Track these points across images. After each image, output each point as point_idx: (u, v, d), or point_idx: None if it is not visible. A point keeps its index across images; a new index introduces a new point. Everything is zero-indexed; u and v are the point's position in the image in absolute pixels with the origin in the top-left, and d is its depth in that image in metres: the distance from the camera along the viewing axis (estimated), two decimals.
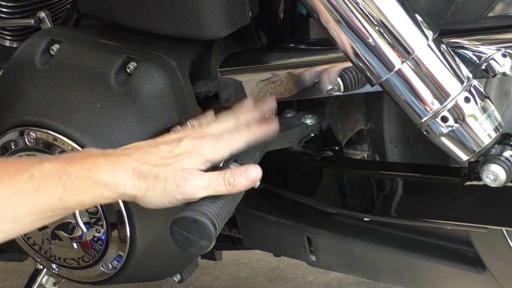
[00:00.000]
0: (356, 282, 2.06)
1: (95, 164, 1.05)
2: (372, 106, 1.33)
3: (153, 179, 1.07)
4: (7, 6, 1.49)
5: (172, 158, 1.09)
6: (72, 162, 1.04)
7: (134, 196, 1.08)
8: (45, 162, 1.02)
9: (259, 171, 1.10)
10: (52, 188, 1.02)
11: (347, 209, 1.33)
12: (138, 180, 1.07)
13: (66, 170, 1.03)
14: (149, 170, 1.07)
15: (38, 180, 1.01)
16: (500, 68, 1.15)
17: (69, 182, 1.03)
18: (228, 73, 1.33)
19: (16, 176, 1.00)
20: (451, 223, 1.23)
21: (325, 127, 1.38)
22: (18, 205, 0.99)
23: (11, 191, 0.99)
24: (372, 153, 1.37)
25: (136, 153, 1.09)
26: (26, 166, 1.01)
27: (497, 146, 1.15)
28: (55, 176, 1.02)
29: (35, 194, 1.00)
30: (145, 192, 1.08)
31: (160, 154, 1.10)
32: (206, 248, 1.07)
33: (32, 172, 1.01)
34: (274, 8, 1.39)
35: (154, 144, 1.12)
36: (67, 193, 1.03)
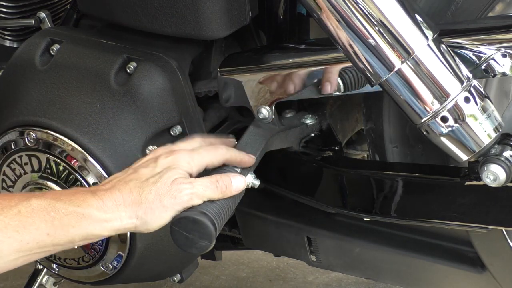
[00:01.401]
0: (356, 282, 2.06)
1: (83, 199, 1.03)
2: (372, 106, 1.33)
3: (147, 202, 1.06)
4: (7, 6, 1.49)
5: (156, 176, 1.08)
6: (60, 198, 1.03)
7: (133, 226, 1.06)
8: (33, 198, 1.01)
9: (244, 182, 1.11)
10: (40, 224, 1.00)
11: (347, 209, 1.33)
12: (132, 208, 1.05)
13: (55, 206, 1.01)
14: (140, 195, 1.06)
15: (25, 216, 0.99)
16: (500, 68, 1.15)
17: (57, 217, 1.01)
18: (228, 73, 1.33)
19: (3, 212, 0.98)
20: (451, 223, 1.23)
21: (325, 127, 1.38)
22: (4, 242, 0.97)
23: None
24: (372, 153, 1.37)
25: (119, 184, 1.07)
26: (13, 202, 0.99)
27: (497, 146, 1.15)
28: (43, 211, 1.00)
29: (22, 230, 0.98)
30: (144, 218, 1.06)
31: (143, 177, 1.08)
32: (206, 248, 1.07)
33: (19, 208, 0.99)
34: (274, 8, 1.39)
35: (132, 171, 1.11)
36: (55, 229, 1.01)
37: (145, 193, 1.06)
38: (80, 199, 1.03)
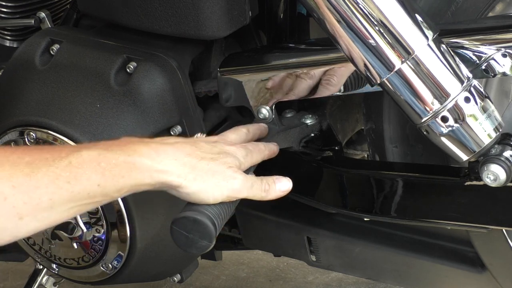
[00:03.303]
0: (356, 282, 2.06)
1: (135, 149, 1.03)
2: (372, 106, 1.33)
3: (201, 170, 1.05)
4: (7, 6, 1.49)
5: (215, 154, 1.09)
6: (111, 148, 1.02)
7: (178, 185, 1.05)
8: (83, 149, 1.00)
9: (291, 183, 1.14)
10: (90, 175, 0.99)
11: (347, 209, 1.33)
12: (184, 169, 1.05)
13: (106, 156, 1.00)
14: (197, 161, 1.06)
15: (76, 167, 0.98)
16: (500, 68, 1.15)
17: (108, 168, 1.00)
18: (228, 73, 1.33)
19: (54, 163, 0.97)
20: (451, 223, 1.23)
21: (325, 127, 1.38)
22: (56, 193, 0.97)
23: (48, 179, 0.96)
24: (372, 153, 1.37)
25: (177, 144, 1.07)
26: (63, 154, 0.99)
27: (497, 146, 1.15)
28: (93, 162, 0.99)
29: (73, 181, 0.98)
30: (192, 182, 1.05)
31: (202, 148, 1.08)
32: (206, 248, 1.07)
33: (70, 159, 0.98)
34: (274, 8, 1.39)
35: (191, 141, 1.11)
36: (106, 179, 1.00)
37: (202, 162, 1.06)
38: (132, 149, 1.03)
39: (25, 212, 0.95)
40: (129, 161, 1.02)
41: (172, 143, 1.08)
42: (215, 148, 1.10)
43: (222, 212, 1.09)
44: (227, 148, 1.12)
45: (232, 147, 1.13)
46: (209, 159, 1.07)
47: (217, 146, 1.11)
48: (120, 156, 1.01)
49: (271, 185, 1.12)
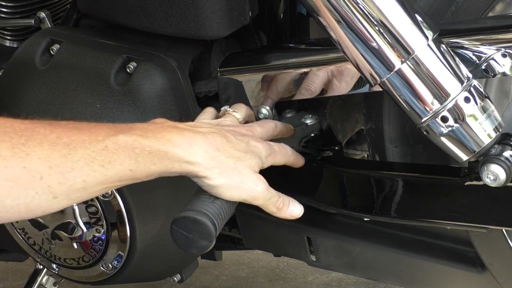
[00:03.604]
0: (356, 282, 2.06)
1: (170, 139, 1.05)
2: (372, 106, 1.33)
3: (227, 168, 1.08)
4: (7, 6, 1.49)
5: (242, 153, 1.11)
6: (147, 135, 1.04)
7: (204, 176, 1.07)
8: (120, 134, 1.02)
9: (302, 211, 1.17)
10: (124, 160, 1.02)
11: (347, 209, 1.33)
12: (212, 163, 1.07)
13: (141, 143, 1.03)
14: (224, 158, 1.08)
15: (112, 152, 1.01)
16: (500, 68, 1.14)
17: (142, 155, 1.03)
18: (228, 73, 1.33)
19: (91, 146, 1.00)
20: (451, 223, 1.23)
21: (325, 127, 1.38)
22: (90, 175, 1.00)
23: (84, 161, 0.99)
24: (372, 153, 1.37)
25: (209, 135, 1.09)
26: (100, 137, 1.01)
27: (497, 146, 1.15)
28: (129, 148, 1.02)
29: (107, 165, 1.01)
30: (217, 176, 1.08)
31: (231, 143, 1.10)
32: (206, 248, 1.07)
33: (106, 143, 1.01)
34: (274, 8, 1.39)
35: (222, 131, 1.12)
36: (138, 165, 1.03)
37: (229, 160, 1.09)
38: (166, 138, 1.05)
39: (59, 192, 0.98)
40: (163, 150, 1.04)
41: (204, 132, 1.09)
42: (242, 144, 1.12)
43: (222, 212, 1.09)
44: (253, 145, 1.13)
45: (258, 144, 1.14)
46: (236, 158, 1.09)
47: (244, 141, 1.13)
48: (154, 144, 1.04)
49: (285, 206, 1.15)
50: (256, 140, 1.15)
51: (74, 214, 1.36)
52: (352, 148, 1.62)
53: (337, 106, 1.42)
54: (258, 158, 1.13)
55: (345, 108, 1.44)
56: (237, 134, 1.13)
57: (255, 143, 1.14)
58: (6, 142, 0.95)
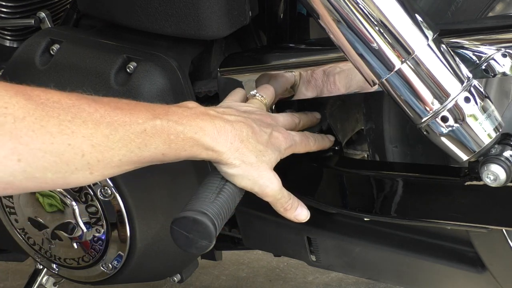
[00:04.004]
0: (356, 282, 2.06)
1: (202, 127, 1.09)
2: (372, 106, 1.33)
3: (247, 160, 1.12)
4: (7, 6, 1.49)
5: (263, 147, 1.15)
6: (182, 121, 1.08)
7: (225, 163, 1.12)
8: (158, 120, 1.06)
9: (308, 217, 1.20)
10: (159, 144, 1.06)
11: (347, 209, 1.33)
12: (235, 154, 1.12)
13: (176, 129, 1.07)
14: (247, 151, 1.12)
15: (149, 136, 1.05)
16: (500, 68, 1.14)
17: (175, 141, 1.07)
18: (228, 73, 1.33)
19: (131, 128, 1.04)
20: (451, 223, 1.23)
21: (325, 127, 1.38)
22: (126, 156, 1.04)
23: (123, 142, 1.03)
24: (372, 153, 1.37)
25: (236, 125, 1.13)
26: (140, 120, 1.05)
27: (497, 146, 1.15)
28: (165, 133, 1.06)
29: (143, 148, 1.05)
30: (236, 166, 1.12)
31: (256, 135, 1.14)
32: (206, 248, 1.08)
33: (145, 126, 1.05)
34: (274, 8, 1.39)
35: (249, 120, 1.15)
36: (170, 150, 1.08)
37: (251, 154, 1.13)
38: (199, 126, 1.09)
39: (96, 168, 1.02)
40: (195, 138, 1.09)
41: (232, 121, 1.13)
42: (265, 136, 1.15)
43: (222, 212, 1.09)
44: (275, 136, 1.17)
45: (279, 136, 1.18)
46: (257, 152, 1.13)
47: (267, 132, 1.16)
48: (188, 132, 1.08)
49: (293, 208, 1.19)
50: (278, 130, 1.19)
51: (74, 214, 1.36)
52: (352, 148, 1.62)
53: (337, 106, 1.42)
54: (277, 152, 1.17)
55: (345, 108, 1.44)
56: (262, 124, 1.17)
57: (277, 134, 1.18)
58: (54, 118, 0.99)
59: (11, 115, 0.95)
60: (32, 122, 0.97)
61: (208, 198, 1.10)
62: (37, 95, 1.00)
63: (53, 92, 1.02)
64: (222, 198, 1.11)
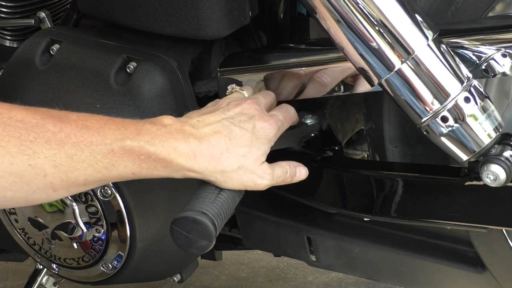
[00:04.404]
0: (356, 282, 2.06)
1: (176, 148, 1.06)
2: (372, 106, 1.33)
3: (232, 172, 1.10)
4: (7, 6, 1.48)
5: (247, 148, 1.11)
6: (154, 141, 1.05)
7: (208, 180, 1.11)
8: (128, 140, 1.04)
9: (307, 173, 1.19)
10: (128, 164, 1.04)
11: (347, 209, 1.33)
12: (213, 171, 1.09)
13: (148, 150, 1.05)
14: (230, 162, 1.10)
15: (117, 156, 1.03)
16: (500, 68, 1.15)
17: (146, 161, 1.05)
18: (228, 73, 1.33)
19: (97, 149, 1.02)
20: (451, 223, 1.23)
21: (325, 127, 1.38)
22: (92, 175, 1.02)
23: (88, 163, 1.01)
24: (372, 153, 1.37)
25: (214, 139, 1.09)
26: (108, 140, 1.03)
27: (497, 146, 1.15)
28: (134, 154, 1.04)
29: (111, 168, 1.03)
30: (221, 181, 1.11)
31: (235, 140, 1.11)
32: (206, 248, 1.08)
33: (113, 147, 1.03)
34: (274, 8, 1.39)
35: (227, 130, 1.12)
36: (141, 169, 1.06)
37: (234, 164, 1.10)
38: (173, 147, 1.06)
39: (60, 187, 1.01)
40: (167, 159, 1.06)
41: (209, 136, 1.09)
42: (247, 134, 1.12)
43: (222, 212, 1.09)
44: (260, 127, 1.13)
45: (265, 125, 1.14)
46: (241, 157, 1.11)
47: (249, 128, 1.13)
48: (160, 153, 1.05)
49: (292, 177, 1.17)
50: (262, 119, 1.15)
51: (74, 214, 1.36)
52: (352, 148, 1.62)
53: (337, 106, 1.42)
54: (266, 143, 1.13)
55: (345, 108, 1.44)
56: (242, 120, 1.13)
57: (262, 124, 1.14)
58: (15, 138, 0.97)
59: None
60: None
61: (208, 198, 1.10)
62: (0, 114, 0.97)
63: (18, 109, 1.00)
64: (222, 198, 1.11)
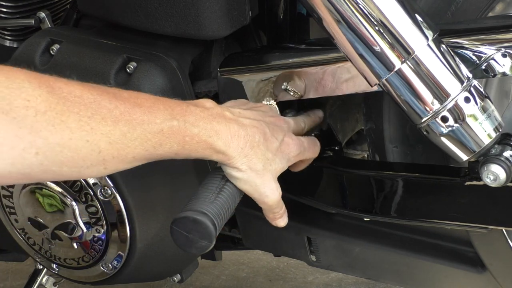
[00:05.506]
0: (356, 282, 2.06)
1: (217, 130, 1.10)
2: (372, 106, 1.33)
3: (254, 168, 1.13)
4: (7, 6, 1.48)
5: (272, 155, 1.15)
6: (198, 123, 1.08)
7: (232, 167, 1.13)
8: (175, 120, 1.07)
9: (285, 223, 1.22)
10: (173, 145, 1.07)
11: (347, 209, 1.33)
12: (243, 160, 1.12)
13: (192, 131, 1.08)
14: (255, 159, 1.13)
15: (166, 136, 1.06)
16: (500, 68, 1.14)
17: (189, 142, 1.08)
18: (228, 73, 1.33)
19: (148, 127, 1.04)
20: (451, 223, 1.23)
21: (325, 127, 1.38)
22: (140, 154, 1.05)
23: (139, 141, 1.04)
24: (372, 153, 1.37)
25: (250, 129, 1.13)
26: (158, 120, 1.05)
27: (497, 146, 1.15)
28: (180, 135, 1.07)
29: (158, 147, 1.06)
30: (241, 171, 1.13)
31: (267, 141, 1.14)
32: (206, 248, 1.08)
33: (162, 127, 1.05)
34: (274, 8, 1.39)
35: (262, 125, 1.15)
36: (184, 150, 1.08)
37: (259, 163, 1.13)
38: (214, 130, 1.10)
39: (110, 163, 1.03)
40: (209, 141, 1.09)
41: (247, 125, 1.13)
42: (276, 143, 1.16)
43: (222, 212, 1.09)
44: (286, 143, 1.18)
45: (290, 142, 1.18)
46: (265, 161, 1.14)
47: (279, 139, 1.17)
48: (203, 135, 1.09)
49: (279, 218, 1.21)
50: (290, 137, 1.19)
51: (74, 214, 1.36)
52: (352, 148, 1.62)
53: (337, 106, 1.42)
54: (286, 160, 1.17)
55: (345, 108, 1.44)
56: (275, 129, 1.17)
57: (289, 140, 1.18)
58: (74, 113, 0.98)
59: (33, 108, 0.95)
60: (53, 117, 0.96)
61: (208, 198, 1.10)
62: (59, 88, 0.99)
63: (76, 85, 1.01)
64: (222, 198, 1.11)
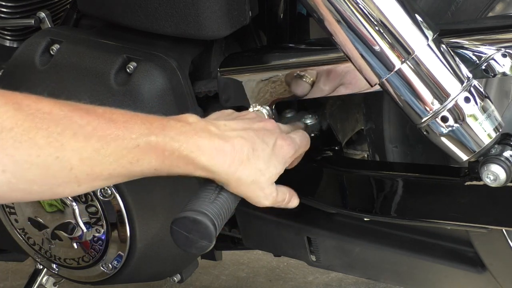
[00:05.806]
0: (356, 282, 2.06)
1: (199, 146, 1.06)
2: (372, 106, 1.33)
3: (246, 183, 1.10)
4: (7, 6, 1.49)
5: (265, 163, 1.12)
6: (179, 138, 1.05)
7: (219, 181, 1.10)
8: (153, 135, 1.03)
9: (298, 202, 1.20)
10: (151, 160, 1.04)
11: (347, 209, 1.33)
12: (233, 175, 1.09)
13: (172, 146, 1.04)
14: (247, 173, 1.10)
15: (142, 152, 1.03)
16: (500, 68, 1.14)
17: (169, 157, 1.05)
18: (228, 73, 1.33)
19: (123, 143, 1.01)
20: (451, 223, 1.23)
21: (325, 127, 1.38)
22: (116, 170, 1.02)
23: (114, 157, 1.01)
24: (372, 153, 1.37)
25: (237, 142, 1.09)
26: (134, 135, 1.02)
27: (497, 146, 1.15)
28: (159, 150, 1.04)
29: (135, 163, 1.03)
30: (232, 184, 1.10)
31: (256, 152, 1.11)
32: (206, 248, 1.07)
33: (138, 142, 1.02)
34: (274, 8, 1.39)
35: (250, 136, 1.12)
36: (163, 166, 1.05)
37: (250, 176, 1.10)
38: (196, 145, 1.06)
39: (84, 181, 1.00)
40: (190, 157, 1.06)
41: (233, 138, 1.10)
42: (267, 149, 1.12)
43: (222, 212, 1.09)
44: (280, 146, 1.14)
45: (284, 145, 1.15)
46: (257, 172, 1.11)
47: (271, 143, 1.13)
48: (184, 150, 1.05)
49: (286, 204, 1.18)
50: (283, 138, 1.16)
51: (74, 214, 1.36)
52: (352, 148, 1.62)
53: (337, 106, 1.42)
54: (282, 164, 1.14)
55: (345, 108, 1.44)
56: (265, 134, 1.14)
57: (282, 143, 1.15)
58: (43, 130, 0.96)
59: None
60: (20, 134, 0.94)
61: (208, 198, 1.10)
62: (27, 105, 0.96)
63: (45, 101, 0.99)
64: (222, 198, 1.11)
